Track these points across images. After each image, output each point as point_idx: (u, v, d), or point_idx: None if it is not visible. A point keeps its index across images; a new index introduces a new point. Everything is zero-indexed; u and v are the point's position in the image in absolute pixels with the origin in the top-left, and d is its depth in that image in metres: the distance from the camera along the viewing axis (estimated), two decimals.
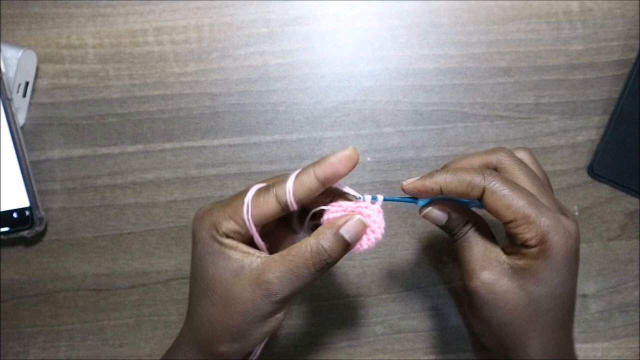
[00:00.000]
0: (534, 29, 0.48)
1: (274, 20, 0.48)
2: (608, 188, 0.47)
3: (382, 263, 0.47)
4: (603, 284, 0.46)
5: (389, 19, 0.48)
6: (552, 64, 0.48)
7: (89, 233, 0.47)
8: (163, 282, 0.47)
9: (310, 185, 0.32)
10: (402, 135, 0.48)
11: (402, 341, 0.46)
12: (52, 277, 0.47)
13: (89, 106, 0.48)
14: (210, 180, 0.47)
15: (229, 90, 0.48)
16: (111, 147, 0.47)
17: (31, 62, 0.47)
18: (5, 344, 0.46)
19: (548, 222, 0.33)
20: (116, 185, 0.47)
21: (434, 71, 0.48)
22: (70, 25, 0.48)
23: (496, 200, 0.33)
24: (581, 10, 0.48)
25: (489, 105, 0.48)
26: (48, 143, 0.47)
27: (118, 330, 0.46)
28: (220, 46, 0.48)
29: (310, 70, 0.48)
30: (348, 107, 0.48)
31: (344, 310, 0.46)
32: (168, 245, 0.47)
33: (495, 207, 0.33)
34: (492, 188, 0.33)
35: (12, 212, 0.45)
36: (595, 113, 0.48)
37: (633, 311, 0.46)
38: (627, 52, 0.48)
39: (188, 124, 0.48)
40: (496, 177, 0.33)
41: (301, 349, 0.46)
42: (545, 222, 0.33)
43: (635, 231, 0.47)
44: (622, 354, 0.46)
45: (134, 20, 0.48)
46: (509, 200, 0.33)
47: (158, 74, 0.48)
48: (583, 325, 0.46)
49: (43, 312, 0.47)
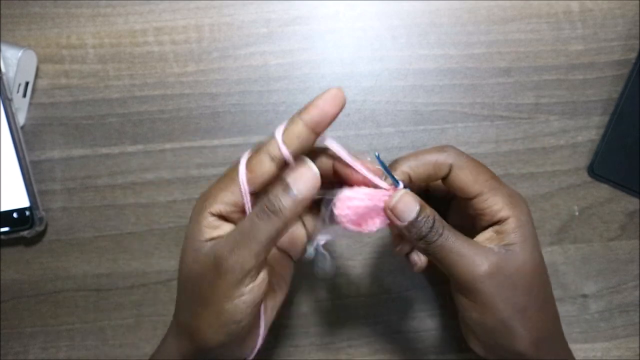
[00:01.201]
0: (534, 29, 0.48)
1: (274, 20, 0.48)
2: (608, 188, 0.47)
3: (382, 263, 0.47)
4: (603, 284, 0.46)
5: (389, 19, 0.48)
6: (552, 64, 0.48)
7: (89, 233, 0.47)
8: (163, 282, 0.47)
9: (299, 132, 0.31)
10: (402, 135, 0.48)
11: (402, 341, 0.46)
12: (52, 277, 0.47)
13: (89, 106, 0.48)
14: (210, 180, 0.47)
15: (229, 90, 0.48)
16: (111, 147, 0.47)
17: (31, 62, 0.47)
18: (5, 344, 0.46)
19: (507, 191, 0.34)
20: (116, 185, 0.47)
21: (434, 71, 0.48)
22: (70, 25, 0.48)
23: (465, 175, 0.33)
24: (581, 10, 0.48)
25: (489, 105, 0.48)
26: (48, 143, 0.47)
27: (118, 330, 0.46)
28: (220, 46, 0.48)
29: (310, 70, 0.48)
30: (348, 107, 0.47)
31: (344, 310, 0.46)
32: (168, 245, 0.47)
33: (463, 182, 0.33)
34: (459, 163, 0.33)
35: (12, 212, 0.45)
36: (595, 113, 0.48)
37: (633, 311, 0.46)
38: (627, 52, 0.48)
39: (188, 124, 0.48)
40: (458, 152, 0.34)
41: (301, 349, 0.46)
42: (506, 191, 0.34)
43: (635, 231, 0.47)
44: (622, 354, 0.46)
45: (134, 20, 0.48)
46: (476, 173, 0.33)
47: (158, 74, 0.48)
48: (583, 325, 0.46)
49: (43, 312, 0.47)
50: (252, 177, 0.31)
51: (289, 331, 0.46)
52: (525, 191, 0.47)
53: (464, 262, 0.32)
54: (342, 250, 0.47)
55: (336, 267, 0.46)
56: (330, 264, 0.35)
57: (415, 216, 0.32)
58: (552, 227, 0.47)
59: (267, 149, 0.31)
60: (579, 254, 0.47)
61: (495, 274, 0.32)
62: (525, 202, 0.35)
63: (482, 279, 0.32)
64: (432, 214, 0.32)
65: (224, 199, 0.32)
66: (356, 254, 0.47)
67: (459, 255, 0.32)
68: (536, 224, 0.46)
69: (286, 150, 0.31)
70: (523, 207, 0.34)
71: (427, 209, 0.33)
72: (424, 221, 0.32)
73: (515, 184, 0.47)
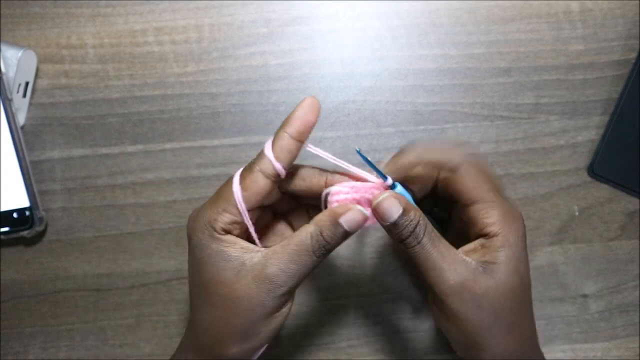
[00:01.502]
0: (534, 29, 0.48)
1: (274, 20, 0.48)
2: (608, 188, 0.47)
3: (382, 263, 0.46)
4: (603, 284, 0.46)
5: (389, 19, 0.48)
6: (552, 64, 0.48)
7: (89, 233, 0.47)
8: (163, 282, 0.47)
9: (288, 146, 0.32)
10: (402, 135, 0.48)
11: (402, 341, 0.46)
12: (52, 277, 0.47)
13: (89, 106, 0.48)
14: (210, 180, 0.47)
15: (229, 90, 0.48)
16: (111, 147, 0.47)
17: (31, 62, 0.47)
18: (5, 344, 0.46)
19: (505, 207, 0.33)
20: (116, 185, 0.47)
21: (434, 71, 0.48)
22: (70, 25, 0.48)
23: (468, 180, 0.33)
24: (581, 10, 0.48)
25: (489, 105, 0.48)
26: (48, 143, 0.47)
27: (118, 330, 0.46)
28: (220, 46, 0.48)
29: (310, 70, 0.48)
30: (348, 107, 0.48)
31: (344, 310, 0.46)
32: (168, 245, 0.47)
33: (463, 186, 0.33)
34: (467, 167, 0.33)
35: (12, 212, 0.45)
36: (595, 113, 0.48)
37: (633, 311, 0.46)
38: (627, 52, 0.48)
39: (188, 124, 0.48)
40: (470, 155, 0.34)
41: (301, 349, 0.46)
42: (504, 207, 0.33)
43: (635, 231, 0.47)
44: (622, 354, 0.46)
45: (134, 20, 0.48)
46: (480, 181, 0.33)
47: (158, 74, 0.48)
48: (583, 325, 0.46)
49: (43, 312, 0.47)
50: (248, 196, 0.32)
51: (289, 331, 0.46)
52: (525, 191, 0.47)
53: (434, 274, 0.32)
54: (342, 250, 0.47)
55: (336, 266, 0.46)
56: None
57: (396, 218, 0.32)
58: (552, 227, 0.47)
59: (259, 167, 0.32)
60: (579, 254, 0.47)
61: (461, 292, 0.32)
62: (521, 221, 0.34)
63: (447, 293, 0.32)
64: (416, 218, 0.32)
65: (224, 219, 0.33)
66: (356, 254, 0.47)
67: (432, 265, 0.32)
68: (536, 224, 0.46)
69: (279, 165, 0.32)
70: (516, 227, 0.33)
71: (412, 212, 0.32)
72: (406, 224, 0.32)
73: (515, 184, 0.47)
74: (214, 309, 0.33)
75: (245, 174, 0.33)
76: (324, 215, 0.33)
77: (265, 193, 0.33)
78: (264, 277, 0.32)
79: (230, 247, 0.32)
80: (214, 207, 0.33)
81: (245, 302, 0.32)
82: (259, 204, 0.33)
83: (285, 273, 0.32)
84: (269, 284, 0.32)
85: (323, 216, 0.33)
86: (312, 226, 0.32)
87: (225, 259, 0.32)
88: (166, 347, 0.46)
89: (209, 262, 0.33)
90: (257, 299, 0.32)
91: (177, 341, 0.37)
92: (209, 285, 0.33)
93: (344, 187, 0.33)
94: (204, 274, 0.33)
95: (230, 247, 0.32)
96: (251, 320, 0.32)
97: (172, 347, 0.38)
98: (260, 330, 0.33)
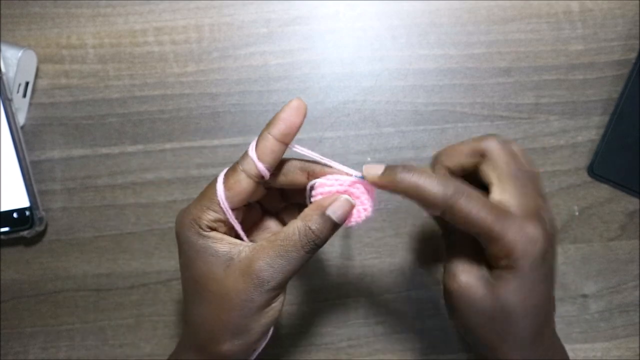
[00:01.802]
0: (534, 29, 0.48)
1: (274, 20, 0.48)
2: (608, 188, 0.47)
3: (382, 263, 0.47)
4: (603, 284, 0.46)
5: (389, 19, 0.48)
6: (552, 64, 0.48)
7: (89, 233, 0.47)
8: (163, 282, 0.47)
9: (272, 147, 0.32)
10: (402, 135, 0.48)
11: (402, 341, 0.46)
12: (52, 277, 0.47)
13: (89, 106, 0.48)
14: (210, 180, 0.47)
15: (229, 90, 0.48)
16: (111, 147, 0.47)
17: (31, 62, 0.47)
18: (5, 344, 0.46)
19: (512, 235, 0.31)
20: (116, 185, 0.47)
21: (434, 71, 0.48)
22: (70, 25, 0.48)
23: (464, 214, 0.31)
24: (581, 10, 0.48)
25: (489, 105, 0.48)
26: (48, 143, 0.47)
27: (118, 330, 0.46)
28: (220, 46, 0.48)
29: (310, 70, 0.48)
30: (348, 107, 0.48)
31: (344, 310, 0.46)
32: (168, 245, 0.47)
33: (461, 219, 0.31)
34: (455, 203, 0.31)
35: (12, 212, 0.45)
36: (595, 113, 0.48)
37: (633, 311, 0.46)
38: (627, 52, 0.48)
39: (188, 124, 0.48)
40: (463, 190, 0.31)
41: (301, 349, 0.46)
42: (510, 236, 0.31)
43: (635, 231, 0.47)
44: (622, 354, 0.46)
45: (134, 20, 0.48)
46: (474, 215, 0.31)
47: (158, 74, 0.48)
48: (583, 325, 0.46)
49: (43, 312, 0.47)
50: (231, 196, 0.33)
51: (289, 331, 0.46)
52: None
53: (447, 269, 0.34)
54: (342, 250, 0.47)
55: (337, 266, 0.46)
56: None
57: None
58: None
59: (242, 168, 0.33)
60: (579, 254, 0.47)
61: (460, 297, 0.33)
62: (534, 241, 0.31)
63: (449, 294, 0.33)
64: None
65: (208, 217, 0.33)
66: (356, 254, 0.47)
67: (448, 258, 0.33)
68: None
69: (262, 166, 0.32)
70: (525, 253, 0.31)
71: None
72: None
73: None
74: (206, 305, 0.33)
75: (229, 174, 0.33)
76: (309, 209, 0.33)
77: (248, 193, 0.33)
78: (251, 272, 0.32)
79: (217, 243, 0.33)
80: (198, 206, 0.33)
81: (234, 297, 0.32)
82: (243, 203, 0.33)
83: (272, 268, 0.32)
84: (256, 279, 0.32)
85: (309, 210, 0.33)
86: (299, 221, 0.32)
87: (213, 254, 0.32)
88: (166, 347, 0.46)
89: (198, 258, 0.33)
90: (245, 294, 0.32)
91: (177, 341, 0.38)
92: (199, 282, 0.33)
93: (328, 179, 0.34)
94: (194, 270, 0.33)
95: (218, 242, 0.33)
96: (241, 315, 0.32)
97: (172, 347, 0.38)
98: (252, 325, 0.33)
